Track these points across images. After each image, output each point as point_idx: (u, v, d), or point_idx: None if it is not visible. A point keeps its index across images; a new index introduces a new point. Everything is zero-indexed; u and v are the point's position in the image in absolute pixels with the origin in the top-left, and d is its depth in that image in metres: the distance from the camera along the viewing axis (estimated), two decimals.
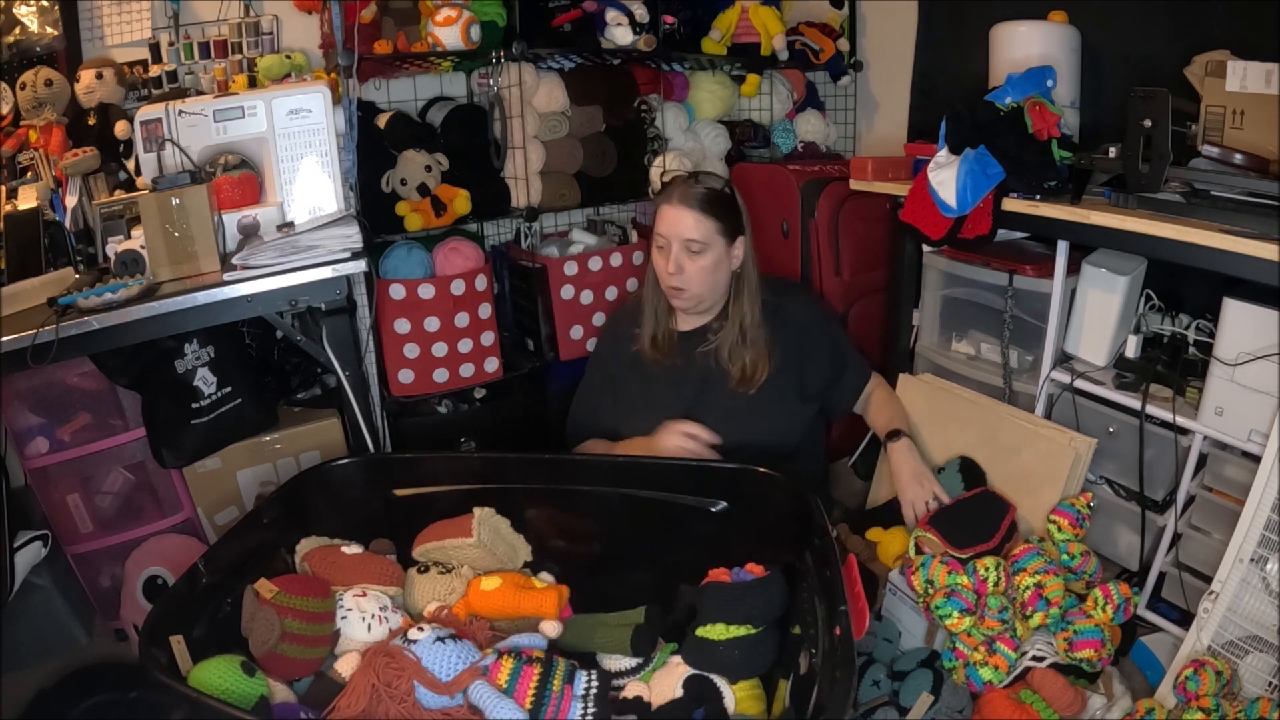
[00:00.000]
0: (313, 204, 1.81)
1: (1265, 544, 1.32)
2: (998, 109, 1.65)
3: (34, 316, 1.47)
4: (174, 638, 1.07)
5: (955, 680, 1.40)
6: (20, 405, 1.73)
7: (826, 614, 1.06)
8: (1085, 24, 1.84)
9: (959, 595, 1.41)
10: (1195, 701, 1.29)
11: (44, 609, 1.81)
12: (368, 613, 1.24)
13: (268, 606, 1.15)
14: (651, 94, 2.37)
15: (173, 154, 1.72)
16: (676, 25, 2.23)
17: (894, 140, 2.44)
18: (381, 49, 1.96)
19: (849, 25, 2.57)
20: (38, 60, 2.02)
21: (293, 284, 1.62)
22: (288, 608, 1.16)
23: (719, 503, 1.37)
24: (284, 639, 1.14)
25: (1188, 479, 1.53)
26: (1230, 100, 1.43)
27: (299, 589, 1.20)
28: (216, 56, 2.11)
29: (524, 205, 2.15)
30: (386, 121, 2.06)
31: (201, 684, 1.03)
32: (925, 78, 2.40)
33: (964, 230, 1.69)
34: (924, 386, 1.94)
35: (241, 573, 1.24)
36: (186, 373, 1.72)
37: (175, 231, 1.61)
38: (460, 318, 2.07)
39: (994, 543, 1.52)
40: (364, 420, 1.79)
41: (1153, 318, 1.66)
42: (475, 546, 1.37)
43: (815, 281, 2.19)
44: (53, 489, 1.79)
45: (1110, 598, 1.40)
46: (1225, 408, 1.43)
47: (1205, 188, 1.41)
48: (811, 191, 2.16)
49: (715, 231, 1.62)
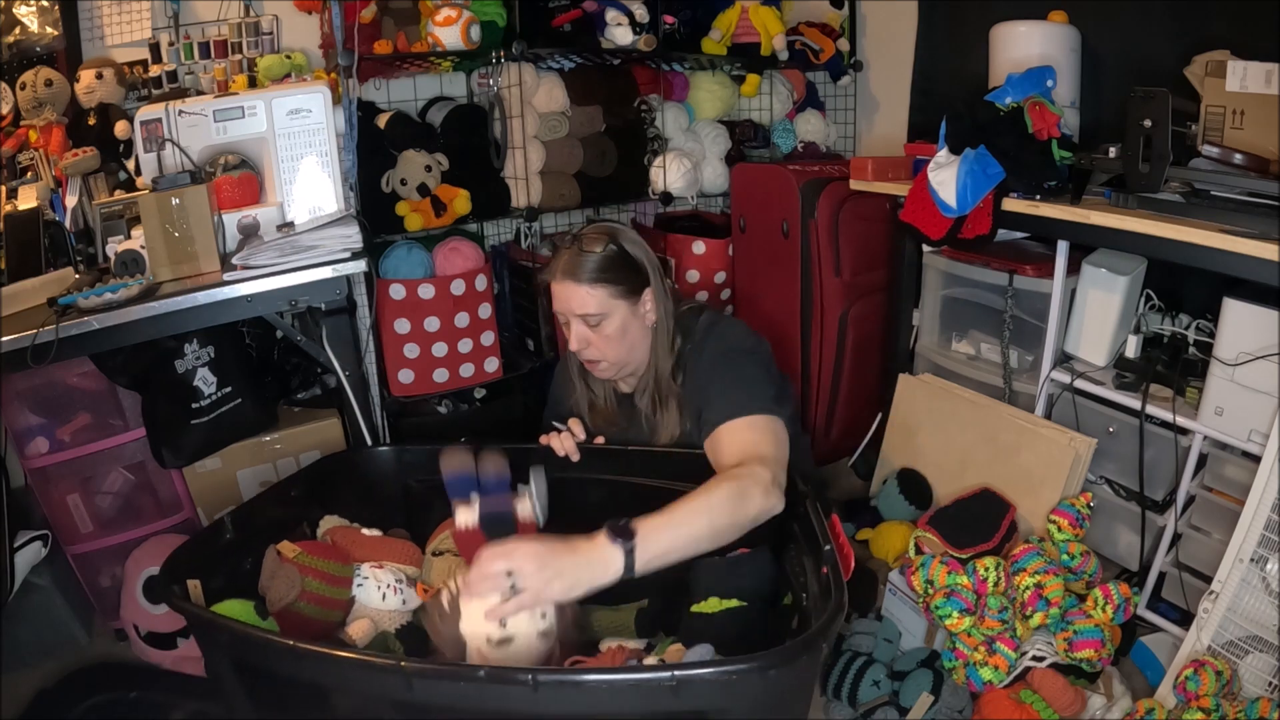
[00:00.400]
0: (313, 204, 1.81)
1: (1265, 544, 1.32)
2: (998, 109, 1.65)
3: (34, 316, 1.46)
4: (191, 581, 1.11)
5: (955, 680, 1.40)
6: (20, 405, 1.73)
7: (814, 565, 1.10)
8: (1085, 24, 1.85)
9: (959, 595, 1.42)
10: (1195, 701, 1.29)
11: (44, 609, 1.80)
12: (383, 583, 1.29)
13: (290, 564, 1.19)
14: (651, 94, 2.37)
15: (173, 154, 1.72)
16: (676, 25, 2.23)
17: (894, 140, 2.44)
18: (381, 49, 1.96)
19: (849, 25, 2.57)
20: (38, 60, 2.02)
21: (293, 284, 1.62)
22: (309, 567, 1.20)
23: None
24: (302, 597, 1.18)
25: (1188, 479, 1.53)
26: (1230, 100, 1.43)
27: (321, 552, 1.25)
28: (216, 56, 2.11)
29: (524, 205, 2.15)
30: (386, 121, 2.06)
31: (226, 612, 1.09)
32: (925, 78, 2.40)
33: (964, 230, 1.69)
34: (924, 386, 1.94)
35: (263, 534, 1.28)
36: (186, 373, 1.72)
37: (175, 231, 1.61)
38: (460, 318, 2.07)
39: (994, 543, 1.52)
40: (364, 420, 1.78)
41: (1153, 318, 1.66)
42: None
43: (815, 281, 2.19)
44: (53, 489, 1.79)
45: (1110, 598, 1.40)
46: (1225, 408, 1.43)
47: (1205, 188, 1.41)
48: (811, 191, 2.16)
49: (612, 296, 1.45)
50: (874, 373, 2.22)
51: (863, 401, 2.26)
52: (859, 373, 2.25)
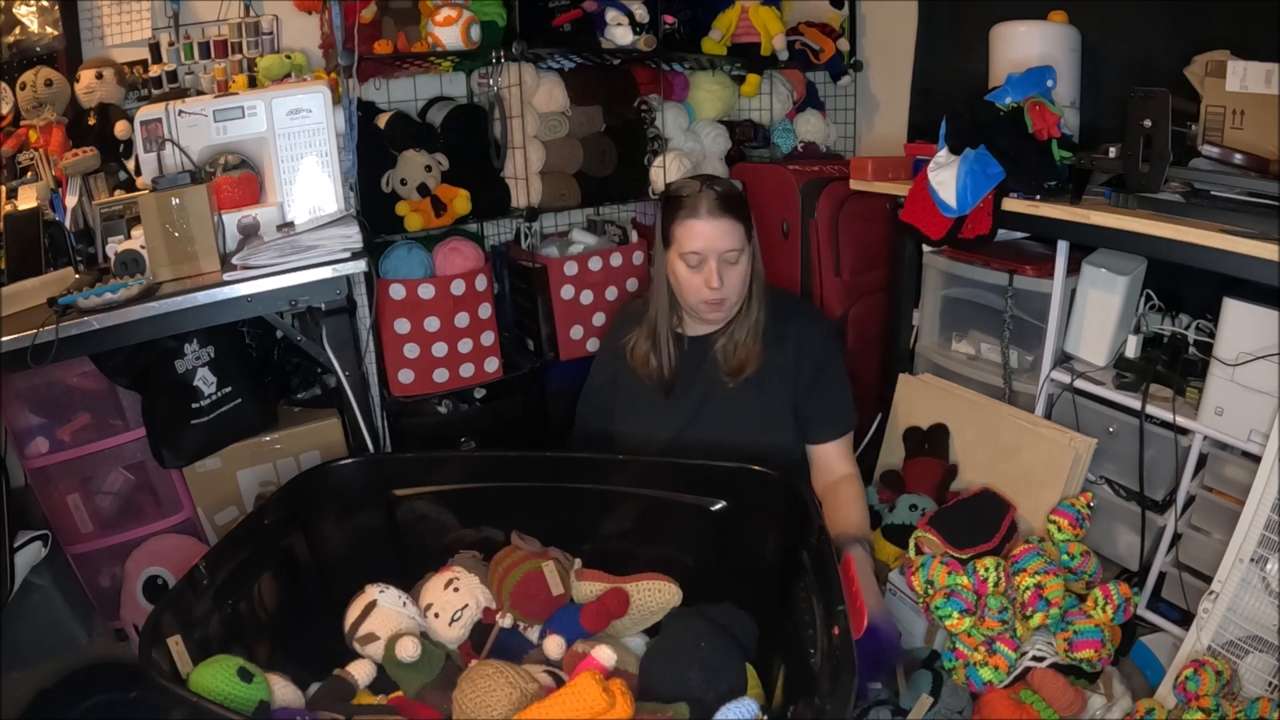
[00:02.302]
0: (313, 204, 1.81)
1: (1265, 544, 1.32)
2: (998, 109, 1.65)
3: (34, 316, 1.46)
4: (172, 639, 1.06)
5: (955, 681, 1.40)
6: (20, 405, 1.73)
7: (825, 614, 1.06)
8: (1085, 24, 1.84)
9: (959, 596, 1.41)
10: (1195, 702, 1.29)
11: (44, 609, 1.81)
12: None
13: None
14: (651, 94, 2.36)
15: (173, 154, 1.72)
16: (676, 25, 2.23)
17: (894, 140, 2.44)
18: (381, 49, 1.95)
19: (849, 25, 2.57)
20: (38, 60, 2.02)
21: (293, 284, 1.62)
22: None
23: (718, 501, 1.38)
24: None
25: (1188, 479, 1.53)
26: (1230, 100, 1.43)
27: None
28: (216, 56, 2.11)
29: (524, 205, 2.15)
30: (386, 121, 2.06)
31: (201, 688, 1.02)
32: (925, 78, 2.40)
33: (964, 230, 1.69)
34: (924, 386, 1.94)
35: (243, 573, 1.23)
36: (186, 373, 1.72)
37: (175, 231, 1.61)
38: (460, 318, 2.07)
39: (994, 543, 1.52)
40: (364, 420, 1.79)
41: (1153, 318, 1.66)
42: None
43: (815, 281, 2.19)
44: (53, 489, 1.79)
45: (1110, 598, 1.40)
46: (1225, 408, 1.43)
47: (1205, 188, 1.41)
48: (811, 191, 2.16)
49: (744, 234, 1.58)
50: (874, 373, 2.22)
51: (863, 401, 2.26)
52: (859, 373, 2.24)
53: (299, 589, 1.35)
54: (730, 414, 1.65)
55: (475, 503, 1.46)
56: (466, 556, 1.40)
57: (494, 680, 1.06)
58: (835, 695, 0.92)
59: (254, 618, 1.25)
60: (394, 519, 1.46)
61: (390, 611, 1.24)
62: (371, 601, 1.24)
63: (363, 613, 1.23)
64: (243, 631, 1.20)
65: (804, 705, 1.02)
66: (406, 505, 1.46)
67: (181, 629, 1.08)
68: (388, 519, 1.46)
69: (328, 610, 1.30)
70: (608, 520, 1.45)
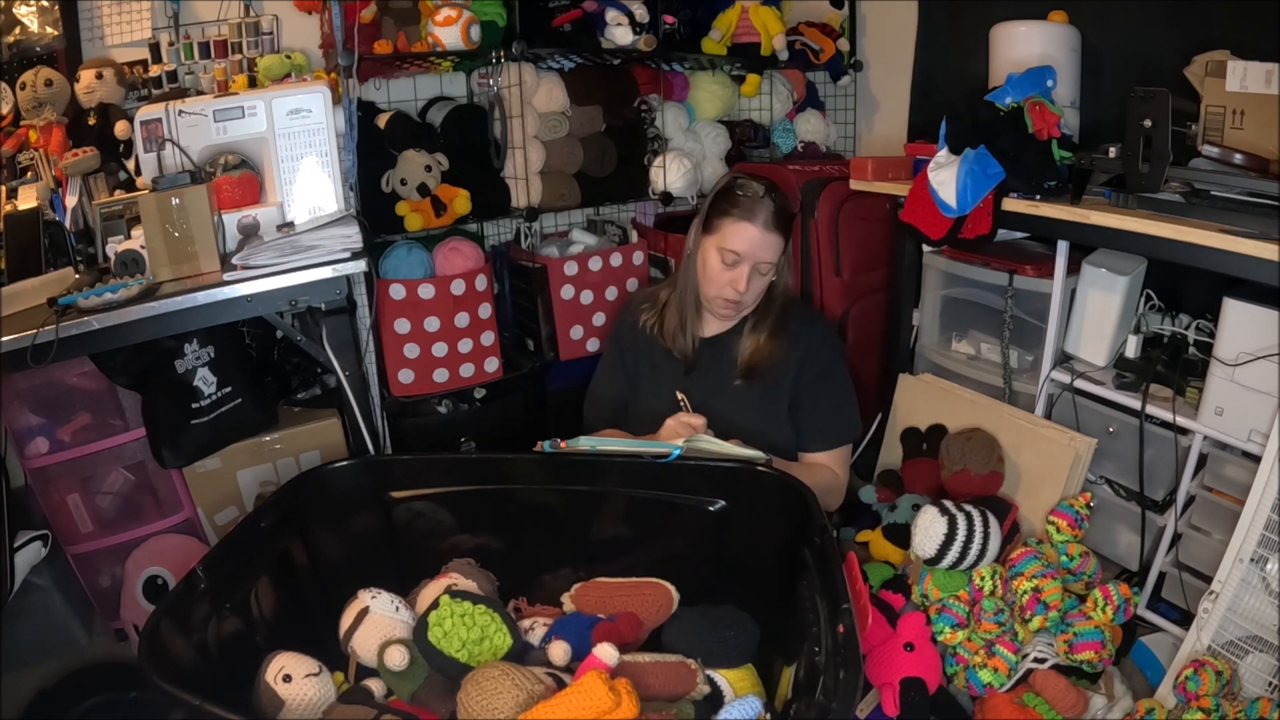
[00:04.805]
0: (313, 204, 1.81)
1: (1265, 544, 1.32)
2: (998, 109, 1.65)
3: (34, 316, 1.46)
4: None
5: (956, 685, 1.40)
6: (20, 405, 1.73)
7: (829, 613, 1.06)
8: (1085, 24, 1.84)
9: (950, 611, 1.42)
10: (1195, 701, 1.29)
11: (44, 609, 1.80)
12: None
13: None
14: (651, 94, 2.36)
15: (173, 154, 1.72)
16: (676, 25, 2.23)
17: (894, 140, 2.44)
18: (381, 49, 1.96)
19: (849, 25, 2.57)
20: (38, 60, 2.02)
21: (293, 284, 1.62)
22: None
23: (718, 501, 1.37)
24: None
25: (1188, 479, 1.53)
26: (1230, 100, 1.43)
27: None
28: (216, 56, 2.11)
29: (524, 205, 2.15)
30: (386, 121, 2.06)
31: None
32: (925, 78, 2.40)
33: (964, 230, 1.69)
34: (924, 386, 1.94)
35: (241, 576, 1.23)
36: (186, 373, 1.72)
37: (175, 231, 1.61)
38: (460, 318, 2.07)
39: None
40: (364, 420, 1.79)
41: (1153, 318, 1.66)
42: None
43: (815, 281, 2.19)
44: (53, 489, 1.78)
45: (1110, 598, 1.40)
46: (1225, 408, 1.43)
47: (1205, 188, 1.41)
48: (811, 191, 2.16)
49: (783, 251, 1.61)
50: (874, 373, 2.22)
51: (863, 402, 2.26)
52: (859, 373, 2.24)
53: (296, 592, 1.34)
54: (733, 413, 1.65)
55: (472, 505, 1.45)
56: (462, 563, 1.41)
57: (500, 682, 1.05)
58: (840, 693, 0.92)
59: (251, 621, 1.25)
60: (390, 521, 1.45)
61: (382, 618, 1.23)
62: (364, 608, 1.23)
63: (355, 619, 1.23)
64: (241, 634, 1.19)
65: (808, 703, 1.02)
66: (403, 507, 1.45)
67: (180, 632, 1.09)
68: (384, 521, 1.44)
69: (325, 613, 1.30)
70: (607, 521, 1.44)
